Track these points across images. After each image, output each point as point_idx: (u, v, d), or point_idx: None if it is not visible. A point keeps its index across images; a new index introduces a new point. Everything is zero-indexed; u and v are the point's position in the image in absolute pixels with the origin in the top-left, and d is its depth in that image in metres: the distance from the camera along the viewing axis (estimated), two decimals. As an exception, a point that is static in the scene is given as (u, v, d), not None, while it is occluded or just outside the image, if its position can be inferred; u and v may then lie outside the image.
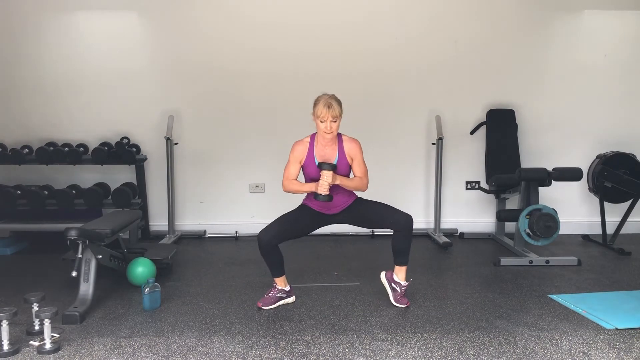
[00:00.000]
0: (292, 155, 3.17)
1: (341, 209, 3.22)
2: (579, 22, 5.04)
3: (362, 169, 3.18)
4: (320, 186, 2.99)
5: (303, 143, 3.16)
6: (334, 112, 3.00)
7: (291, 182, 3.16)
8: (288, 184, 3.16)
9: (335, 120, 3.03)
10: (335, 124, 3.04)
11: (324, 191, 2.99)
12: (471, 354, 2.56)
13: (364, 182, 3.18)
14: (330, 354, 2.55)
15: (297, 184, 3.16)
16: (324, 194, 2.99)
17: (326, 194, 3.00)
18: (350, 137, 3.19)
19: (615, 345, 2.65)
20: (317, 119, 3.05)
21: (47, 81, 4.90)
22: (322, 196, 3.00)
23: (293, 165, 3.16)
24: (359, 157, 3.17)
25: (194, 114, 5.01)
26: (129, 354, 2.56)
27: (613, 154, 4.69)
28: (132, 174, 4.90)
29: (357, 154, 3.16)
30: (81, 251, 3.07)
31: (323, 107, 3.00)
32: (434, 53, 5.01)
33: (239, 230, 5.06)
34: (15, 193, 4.53)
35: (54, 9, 4.84)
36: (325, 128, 3.02)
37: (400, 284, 3.23)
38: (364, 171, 3.19)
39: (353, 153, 3.15)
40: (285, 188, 3.18)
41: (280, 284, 3.23)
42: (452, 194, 5.16)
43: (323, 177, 2.99)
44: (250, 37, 4.92)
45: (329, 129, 3.02)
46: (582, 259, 4.16)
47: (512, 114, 5.02)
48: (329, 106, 3.00)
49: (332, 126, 3.03)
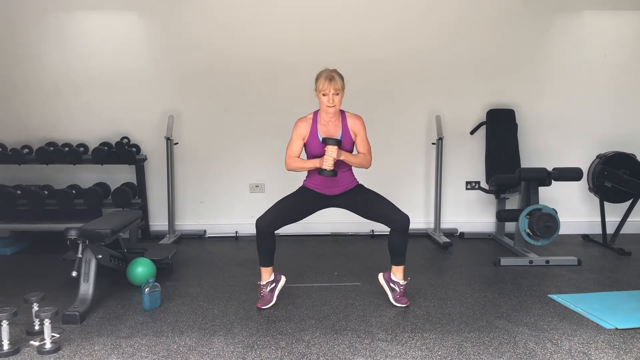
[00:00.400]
0: (294, 132, 3.14)
1: (342, 190, 3.19)
2: (579, 22, 5.04)
3: (365, 145, 3.17)
4: (325, 161, 2.97)
5: (306, 119, 3.15)
6: (336, 85, 3.00)
7: (294, 160, 3.14)
8: (291, 161, 3.14)
9: (338, 93, 3.02)
10: (337, 97, 3.02)
11: (329, 166, 2.97)
12: (471, 354, 2.56)
13: (367, 158, 3.17)
14: (330, 354, 2.55)
15: (300, 161, 3.14)
16: (329, 169, 2.97)
17: (331, 169, 2.98)
18: (353, 114, 3.19)
19: (615, 345, 2.65)
20: (319, 93, 3.04)
21: (47, 81, 4.90)
22: (327, 171, 2.97)
23: (296, 142, 3.14)
24: (362, 133, 3.16)
25: (194, 114, 5.01)
26: (129, 354, 2.56)
27: (613, 154, 4.69)
28: (132, 174, 4.90)
29: (361, 130, 3.15)
30: (81, 251, 3.07)
31: (325, 80, 3.00)
32: (434, 53, 5.01)
33: (239, 230, 5.05)
34: (15, 193, 4.53)
35: (54, 9, 4.84)
36: (328, 101, 3.01)
37: (399, 284, 3.23)
38: (367, 147, 3.18)
39: (357, 129, 3.14)
40: (288, 166, 3.16)
41: (264, 277, 3.20)
42: (452, 194, 5.16)
43: (328, 152, 2.97)
44: (250, 36, 4.92)
45: (331, 102, 3.01)
46: (582, 259, 4.16)
47: (512, 114, 5.02)
48: (330, 79, 3.00)
49: (335, 99, 3.02)
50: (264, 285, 3.20)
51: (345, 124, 3.13)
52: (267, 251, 3.17)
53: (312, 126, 3.12)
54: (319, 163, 3.00)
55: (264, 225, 3.07)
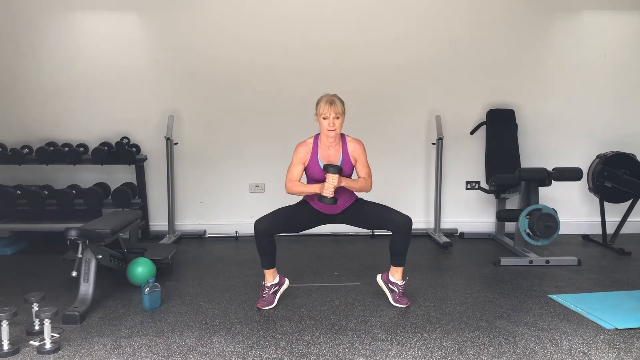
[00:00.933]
0: (295, 156, 3.16)
1: (341, 209, 3.21)
2: (579, 22, 5.04)
3: (366, 170, 3.19)
4: (326, 189, 2.98)
5: (306, 144, 3.16)
6: (337, 109, 3.01)
7: (295, 184, 3.15)
8: (292, 185, 3.15)
9: (338, 117, 3.03)
10: (338, 120, 3.04)
11: (329, 194, 2.99)
12: (471, 354, 2.56)
13: (368, 182, 3.18)
14: (330, 354, 2.55)
15: (301, 186, 3.15)
16: (329, 197, 2.99)
17: (331, 197, 2.99)
18: (354, 138, 3.20)
19: (615, 345, 2.65)
20: (320, 117, 3.05)
21: (47, 81, 4.90)
22: (327, 199, 2.99)
23: (296, 166, 3.15)
24: (362, 158, 3.17)
25: (194, 114, 5.01)
26: (129, 354, 2.56)
27: (613, 154, 4.69)
28: (132, 174, 4.90)
29: (361, 154, 3.17)
30: (81, 251, 3.07)
31: (325, 104, 3.02)
32: (434, 53, 5.01)
33: (239, 230, 5.05)
34: (15, 193, 4.53)
35: (54, 9, 4.84)
36: (328, 125, 3.02)
37: (397, 284, 3.23)
38: (367, 172, 3.19)
39: (357, 154, 3.16)
40: (288, 190, 3.17)
41: (269, 278, 3.21)
42: (452, 194, 5.16)
43: (329, 180, 2.98)
44: (250, 36, 4.92)
45: (331, 126, 3.02)
46: (582, 259, 4.16)
47: (512, 114, 5.02)
48: (331, 102, 3.02)
49: (335, 123, 3.03)
50: (267, 287, 3.21)
51: (346, 149, 3.15)
52: (267, 253, 3.17)
53: (313, 151, 3.14)
54: (320, 189, 3.01)
55: (262, 228, 3.07)
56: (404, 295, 3.23)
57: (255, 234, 3.11)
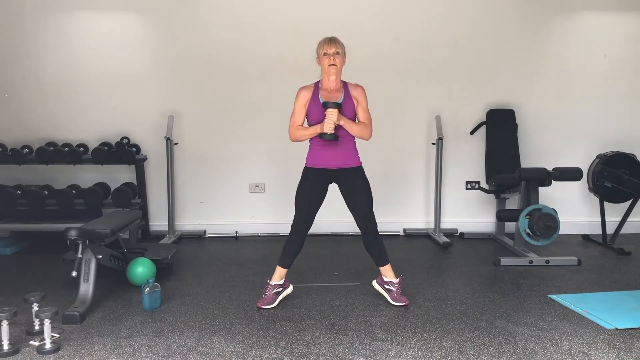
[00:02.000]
0: (297, 101, 3.19)
1: (343, 164, 3.16)
2: (579, 22, 5.04)
3: (366, 115, 3.19)
4: (326, 124, 2.99)
5: (308, 87, 3.20)
6: (337, 45, 3.07)
7: (297, 129, 3.17)
8: (294, 130, 3.17)
9: (338, 53, 3.07)
10: (338, 57, 3.07)
11: (330, 129, 2.99)
12: (471, 354, 2.56)
13: (368, 127, 3.17)
14: (330, 354, 2.55)
15: (302, 129, 3.17)
16: (330, 132, 2.99)
17: (332, 133, 3.00)
18: (355, 83, 3.23)
19: (615, 345, 2.65)
20: (321, 55, 3.09)
21: (47, 81, 4.90)
22: (328, 135, 3.00)
23: (299, 111, 3.18)
24: (363, 101, 3.18)
25: (194, 114, 5.01)
26: (129, 354, 2.56)
27: (613, 154, 4.70)
28: (132, 174, 4.90)
29: (362, 97, 3.18)
30: (81, 251, 3.07)
31: (325, 41, 3.09)
32: (434, 53, 5.01)
33: (239, 230, 5.06)
34: (15, 193, 4.53)
35: (54, 9, 4.84)
36: (329, 60, 3.04)
37: (393, 283, 3.24)
38: (368, 117, 3.19)
39: (358, 96, 3.17)
40: (291, 136, 3.19)
41: (276, 277, 3.21)
42: (452, 194, 5.16)
43: (328, 115, 2.99)
44: (250, 37, 4.92)
45: (332, 60, 3.04)
46: (582, 259, 4.16)
47: (512, 114, 5.02)
48: (330, 39, 3.08)
49: (336, 59, 3.05)
50: (272, 286, 3.21)
51: (347, 91, 3.17)
52: (292, 252, 3.20)
53: (314, 92, 3.16)
54: (320, 128, 3.03)
55: (302, 228, 3.14)
56: (402, 294, 3.23)
57: (292, 235, 3.17)
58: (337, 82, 3.15)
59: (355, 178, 3.20)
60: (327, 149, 3.13)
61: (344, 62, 3.15)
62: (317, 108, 3.12)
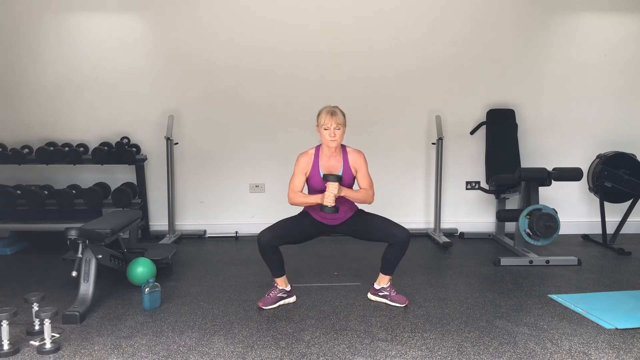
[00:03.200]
0: (296, 167, 3.17)
1: (342, 220, 3.22)
2: (579, 22, 5.04)
3: (367, 180, 3.18)
4: (326, 198, 2.99)
5: (308, 154, 3.18)
6: (338, 119, 3.04)
7: (297, 195, 3.16)
8: (294, 196, 3.16)
9: (339, 128, 3.05)
10: (339, 131, 3.05)
11: (330, 203, 2.99)
12: (471, 354, 2.56)
13: (369, 193, 3.17)
14: (330, 354, 2.55)
15: (303, 196, 3.16)
16: (330, 206, 2.99)
17: (332, 206, 2.99)
18: (355, 149, 3.21)
19: (615, 345, 2.65)
20: (321, 127, 3.07)
21: (47, 81, 4.90)
22: (328, 208, 2.99)
23: (298, 177, 3.16)
24: (363, 168, 3.17)
25: (194, 114, 5.01)
26: (129, 354, 2.56)
27: (613, 154, 4.69)
28: (132, 174, 4.90)
29: (362, 165, 3.17)
30: (81, 251, 3.07)
31: (326, 114, 3.04)
32: (434, 53, 5.01)
33: (239, 230, 5.06)
34: (15, 193, 4.53)
35: (54, 9, 4.84)
36: (329, 135, 3.04)
37: (385, 287, 3.26)
38: (369, 183, 3.18)
39: (357, 164, 3.16)
40: (291, 201, 3.18)
41: (281, 284, 3.24)
42: (452, 194, 5.16)
43: (329, 189, 2.99)
44: (250, 37, 4.92)
45: (332, 136, 3.04)
46: (582, 259, 4.16)
47: (512, 114, 5.02)
48: (332, 113, 3.04)
49: (336, 133, 3.05)
50: (278, 289, 3.23)
51: (347, 159, 3.15)
52: (273, 263, 3.20)
53: (314, 161, 3.15)
54: (321, 199, 3.02)
55: (265, 240, 3.09)
56: (398, 293, 3.24)
57: (259, 247, 3.12)
58: (337, 149, 3.14)
59: (357, 219, 3.22)
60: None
61: (345, 131, 3.10)
62: (317, 177, 3.13)
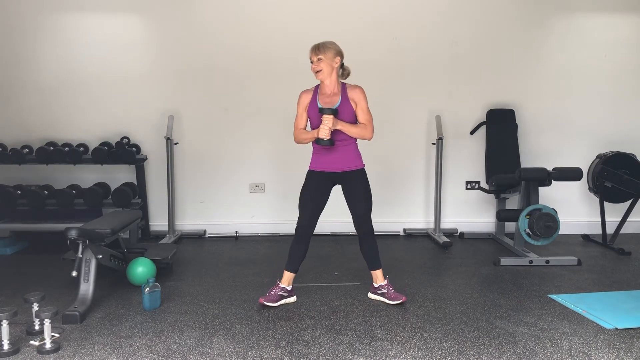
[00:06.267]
0: (298, 104, 3.23)
1: (344, 167, 3.18)
2: (579, 22, 5.04)
3: (366, 115, 3.17)
4: (321, 130, 3.03)
5: (308, 91, 3.23)
6: (318, 51, 3.08)
7: (300, 132, 3.22)
8: (297, 133, 3.23)
9: (320, 59, 3.07)
10: (321, 62, 3.07)
11: (325, 135, 3.02)
12: (471, 354, 2.56)
13: (367, 129, 3.16)
14: (330, 354, 2.55)
15: (304, 132, 3.21)
16: (325, 138, 3.02)
17: (327, 138, 3.02)
18: (354, 84, 3.22)
19: (615, 345, 2.65)
20: None
21: (47, 81, 4.90)
22: (324, 140, 3.03)
23: (300, 115, 3.23)
24: (362, 102, 3.15)
25: (194, 114, 5.01)
26: (129, 354, 2.56)
27: (613, 154, 4.69)
28: (132, 173, 4.90)
29: (361, 99, 3.15)
30: (81, 251, 3.07)
31: (310, 49, 3.11)
32: (434, 53, 5.01)
33: (239, 230, 5.06)
34: (15, 193, 4.53)
35: (53, 9, 4.84)
36: (312, 68, 3.09)
37: (383, 285, 3.27)
38: (368, 118, 3.18)
39: (356, 97, 3.15)
40: (295, 139, 3.26)
41: (286, 281, 3.24)
42: (452, 194, 5.16)
43: (324, 121, 3.03)
44: (250, 37, 4.92)
45: (315, 68, 3.08)
46: (582, 259, 4.16)
47: (512, 114, 5.02)
48: (314, 47, 3.11)
49: (319, 65, 3.07)
50: (280, 287, 3.24)
51: (345, 94, 3.16)
52: (297, 257, 3.24)
53: (313, 96, 3.19)
54: (317, 133, 3.06)
55: (306, 229, 3.18)
56: (395, 291, 3.25)
57: (297, 235, 3.20)
58: (333, 84, 3.16)
59: (355, 180, 3.21)
60: (328, 153, 3.16)
61: (337, 63, 3.13)
62: (316, 112, 3.14)
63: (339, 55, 3.15)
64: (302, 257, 3.26)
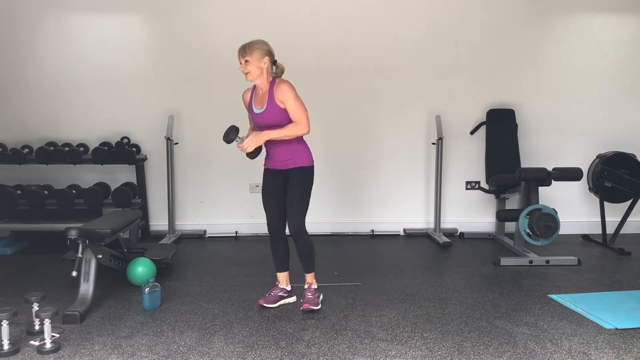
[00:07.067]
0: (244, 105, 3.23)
1: (280, 166, 3.16)
2: (579, 22, 5.04)
3: (295, 113, 2.98)
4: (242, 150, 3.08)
5: (248, 90, 3.21)
6: (243, 53, 2.98)
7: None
8: None
9: (247, 61, 2.98)
10: (248, 65, 2.98)
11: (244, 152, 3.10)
12: (471, 354, 2.56)
13: (299, 126, 2.99)
14: (330, 354, 2.55)
15: None
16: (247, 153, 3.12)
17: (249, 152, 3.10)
18: (282, 79, 3.10)
19: (615, 345, 2.65)
20: None
21: (47, 81, 4.90)
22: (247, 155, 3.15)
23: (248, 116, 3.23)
24: (289, 100, 2.97)
25: (194, 114, 5.01)
26: (129, 354, 2.56)
27: (613, 154, 4.69)
28: (132, 173, 4.90)
29: (287, 96, 2.97)
30: (81, 251, 3.07)
31: (238, 49, 3.03)
32: (434, 53, 5.01)
33: (239, 230, 5.06)
34: (15, 193, 4.53)
35: (54, 9, 4.84)
36: (240, 69, 3.02)
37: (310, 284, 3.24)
38: (297, 115, 2.99)
39: (282, 96, 2.98)
40: None
41: (282, 281, 3.24)
42: (452, 194, 5.16)
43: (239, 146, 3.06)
44: (250, 37, 4.91)
45: (243, 71, 3.01)
46: (582, 259, 4.16)
47: (512, 114, 5.02)
48: (239, 49, 3.02)
49: (246, 67, 2.99)
50: (279, 288, 3.24)
51: (272, 94, 3.04)
52: (279, 257, 3.25)
53: (250, 98, 3.16)
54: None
55: (275, 227, 3.19)
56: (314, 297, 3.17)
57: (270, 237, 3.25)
58: (264, 85, 3.06)
59: (293, 179, 3.14)
60: (274, 151, 3.14)
61: (265, 64, 3.01)
62: (253, 113, 3.13)
63: (268, 55, 3.02)
64: (286, 255, 3.25)
